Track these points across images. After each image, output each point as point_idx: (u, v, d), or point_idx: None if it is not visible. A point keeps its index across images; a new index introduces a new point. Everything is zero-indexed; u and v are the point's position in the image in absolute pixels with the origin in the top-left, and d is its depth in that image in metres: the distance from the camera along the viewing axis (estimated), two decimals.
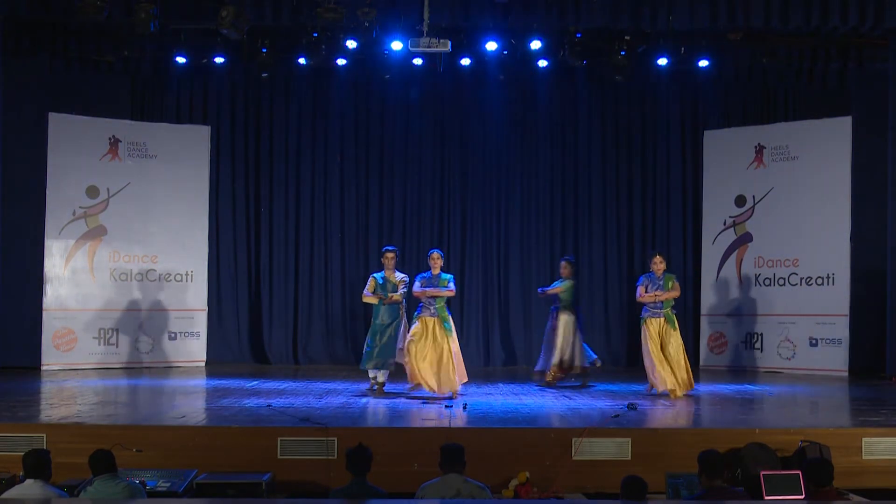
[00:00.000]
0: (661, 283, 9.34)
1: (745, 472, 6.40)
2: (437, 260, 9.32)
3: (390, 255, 9.57)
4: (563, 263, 10.37)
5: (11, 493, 5.41)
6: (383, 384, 9.32)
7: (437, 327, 9.04)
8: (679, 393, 9.10)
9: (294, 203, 13.08)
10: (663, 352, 9.21)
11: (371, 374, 9.41)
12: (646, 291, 9.37)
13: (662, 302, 9.31)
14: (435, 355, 8.94)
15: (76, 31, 11.40)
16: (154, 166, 12.23)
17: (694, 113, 13.23)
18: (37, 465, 5.42)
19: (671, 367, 9.17)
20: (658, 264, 9.42)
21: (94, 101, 12.19)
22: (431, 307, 9.10)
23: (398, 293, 9.38)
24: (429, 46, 9.75)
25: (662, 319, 9.31)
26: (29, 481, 5.39)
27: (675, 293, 9.38)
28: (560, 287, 10.22)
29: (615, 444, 6.82)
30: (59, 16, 10.44)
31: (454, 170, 13.18)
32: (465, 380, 9.26)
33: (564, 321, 10.10)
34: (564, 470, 6.70)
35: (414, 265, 13.13)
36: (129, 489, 5.48)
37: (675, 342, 9.28)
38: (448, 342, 9.00)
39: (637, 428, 7.22)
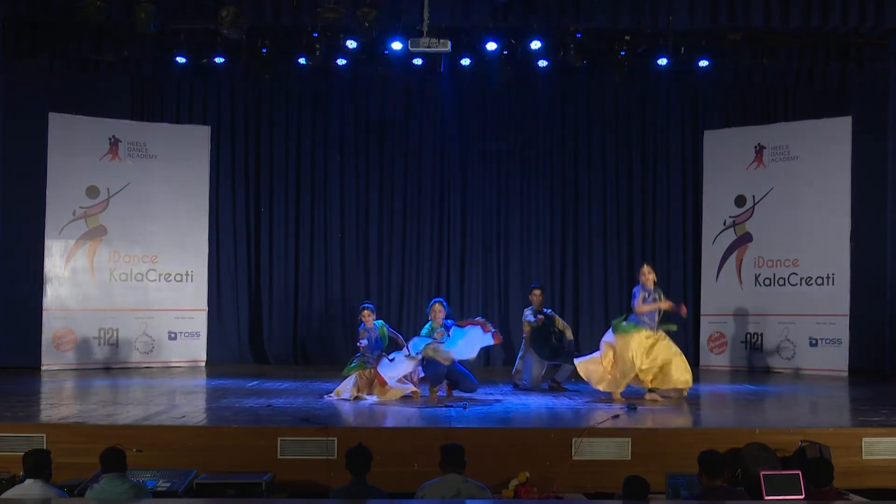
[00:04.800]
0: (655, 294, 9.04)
1: (745, 472, 6.40)
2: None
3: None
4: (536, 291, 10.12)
5: (11, 493, 5.41)
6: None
7: None
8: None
9: (294, 203, 13.08)
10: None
11: None
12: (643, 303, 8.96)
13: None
14: None
15: (76, 31, 11.37)
16: (154, 166, 12.22)
17: (694, 113, 13.22)
18: (37, 465, 5.43)
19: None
20: (647, 275, 9.03)
21: (94, 101, 12.17)
22: None
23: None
24: (429, 46, 9.74)
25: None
26: (29, 481, 5.40)
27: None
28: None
29: (615, 444, 6.83)
30: (59, 16, 10.42)
31: (454, 170, 13.17)
32: None
33: None
34: (564, 470, 6.70)
35: (413, 266, 13.16)
36: (134, 489, 5.49)
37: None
38: None
39: (637, 428, 7.23)
